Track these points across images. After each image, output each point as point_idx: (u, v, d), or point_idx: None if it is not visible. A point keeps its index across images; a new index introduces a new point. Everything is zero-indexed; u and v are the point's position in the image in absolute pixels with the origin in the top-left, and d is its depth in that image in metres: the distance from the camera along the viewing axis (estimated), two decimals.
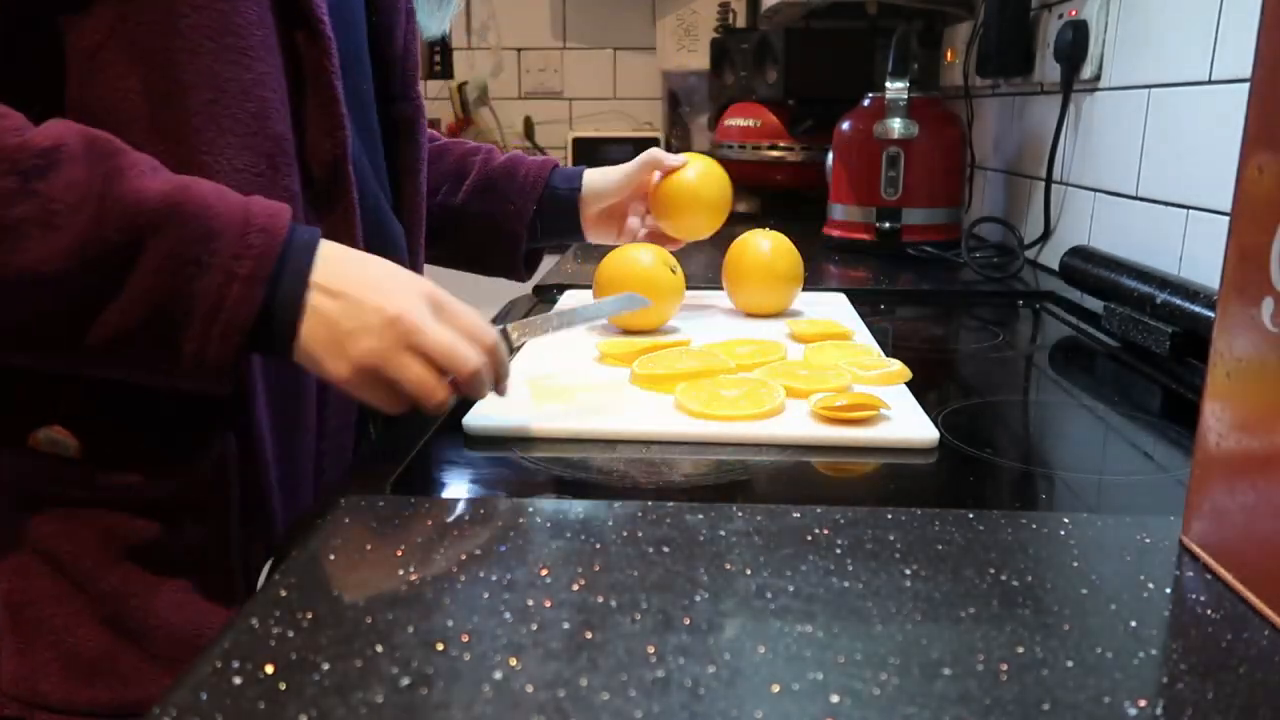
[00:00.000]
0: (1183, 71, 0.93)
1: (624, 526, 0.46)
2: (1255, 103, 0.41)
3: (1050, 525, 0.47)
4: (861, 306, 0.98)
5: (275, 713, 0.32)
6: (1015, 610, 0.39)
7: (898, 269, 1.24)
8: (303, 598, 0.39)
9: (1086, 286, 0.97)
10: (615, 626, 0.37)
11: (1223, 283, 0.43)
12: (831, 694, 0.33)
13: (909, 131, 1.30)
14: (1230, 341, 0.42)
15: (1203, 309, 0.74)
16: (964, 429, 0.64)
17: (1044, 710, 0.32)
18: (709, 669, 0.35)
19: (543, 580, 0.41)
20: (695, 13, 2.12)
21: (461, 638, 0.37)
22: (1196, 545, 0.44)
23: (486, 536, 0.45)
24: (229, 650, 0.36)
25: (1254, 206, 0.41)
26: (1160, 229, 0.97)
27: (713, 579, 0.41)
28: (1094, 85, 1.14)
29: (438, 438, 0.62)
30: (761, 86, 1.76)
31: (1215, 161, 0.88)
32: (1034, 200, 1.30)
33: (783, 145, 1.74)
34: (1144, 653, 0.36)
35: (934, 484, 0.57)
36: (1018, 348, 0.90)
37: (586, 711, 0.32)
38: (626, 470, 0.56)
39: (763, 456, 0.59)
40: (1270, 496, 0.39)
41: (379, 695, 0.33)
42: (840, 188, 1.40)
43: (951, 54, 1.63)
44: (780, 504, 0.50)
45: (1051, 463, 0.61)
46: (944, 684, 0.34)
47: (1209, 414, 0.43)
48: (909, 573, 0.42)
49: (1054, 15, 1.21)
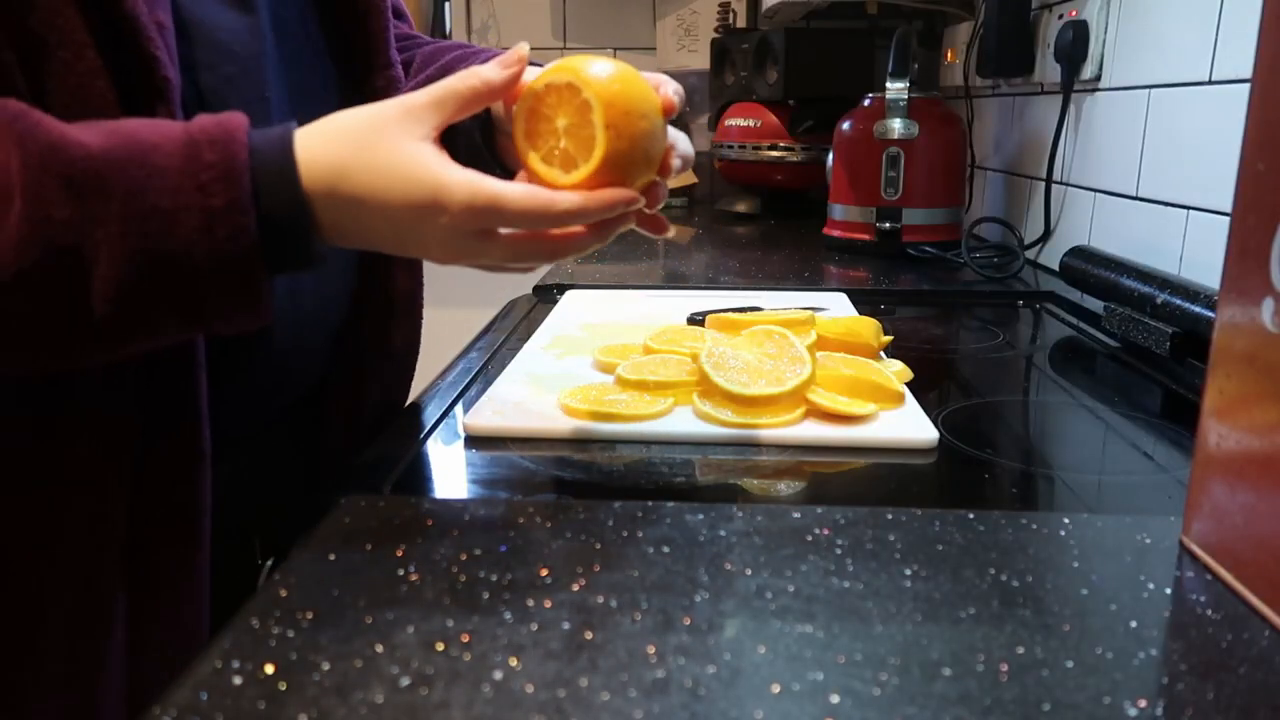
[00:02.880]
0: (1183, 71, 0.93)
1: (624, 526, 0.46)
2: (1255, 103, 0.41)
3: (1050, 525, 0.47)
4: (861, 306, 0.98)
5: (275, 713, 0.32)
6: (1015, 610, 0.39)
7: (898, 269, 1.24)
8: (303, 598, 0.39)
9: (1087, 287, 0.97)
10: (615, 626, 0.37)
11: (1223, 283, 0.43)
12: (831, 694, 0.33)
13: (909, 131, 1.30)
14: (1230, 342, 0.42)
15: (1203, 309, 0.74)
16: (964, 429, 0.64)
17: (1044, 710, 0.32)
18: (709, 669, 0.35)
19: (543, 580, 0.41)
20: (695, 13, 2.12)
21: (461, 638, 0.37)
22: (1196, 545, 0.44)
23: (486, 536, 0.45)
24: (229, 650, 0.36)
25: (1254, 207, 0.41)
26: (1160, 229, 0.97)
27: (713, 579, 0.41)
28: (1094, 85, 1.14)
29: (438, 438, 0.62)
30: (761, 86, 1.76)
31: (1215, 161, 0.88)
32: (1034, 200, 1.30)
33: (783, 145, 1.73)
34: (1144, 653, 0.36)
35: (934, 484, 0.57)
36: (1018, 348, 0.90)
37: (586, 711, 0.32)
38: (626, 470, 0.56)
39: (763, 456, 0.59)
40: (1270, 496, 0.39)
41: (379, 695, 0.33)
42: (840, 188, 1.40)
43: (951, 54, 1.63)
44: (780, 504, 0.50)
45: (1051, 463, 0.61)
46: (944, 684, 0.34)
47: (1209, 414, 0.44)
48: (909, 573, 0.42)
49: (1054, 15, 1.21)
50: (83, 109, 0.46)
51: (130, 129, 0.44)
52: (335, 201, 0.46)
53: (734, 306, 0.89)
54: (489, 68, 0.49)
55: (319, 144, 0.46)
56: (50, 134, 0.42)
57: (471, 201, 0.46)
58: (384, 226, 0.47)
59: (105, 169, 0.42)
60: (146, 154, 0.43)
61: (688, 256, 1.35)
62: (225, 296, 0.45)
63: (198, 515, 0.53)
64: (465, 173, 0.46)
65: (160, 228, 0.43)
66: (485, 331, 0.93)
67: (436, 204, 0.46)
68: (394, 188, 0.46)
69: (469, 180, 0.46)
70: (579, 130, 0.48)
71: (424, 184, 0.46)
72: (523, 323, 0.95)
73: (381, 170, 0.46)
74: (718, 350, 0.67)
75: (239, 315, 0.46)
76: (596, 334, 0.86)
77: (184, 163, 0.43)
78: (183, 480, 0.52)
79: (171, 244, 0.43)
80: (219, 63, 0.53)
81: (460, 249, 0.48)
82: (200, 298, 0.45)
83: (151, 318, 0.45)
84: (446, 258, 0.49)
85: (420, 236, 0.48)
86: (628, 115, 0.48)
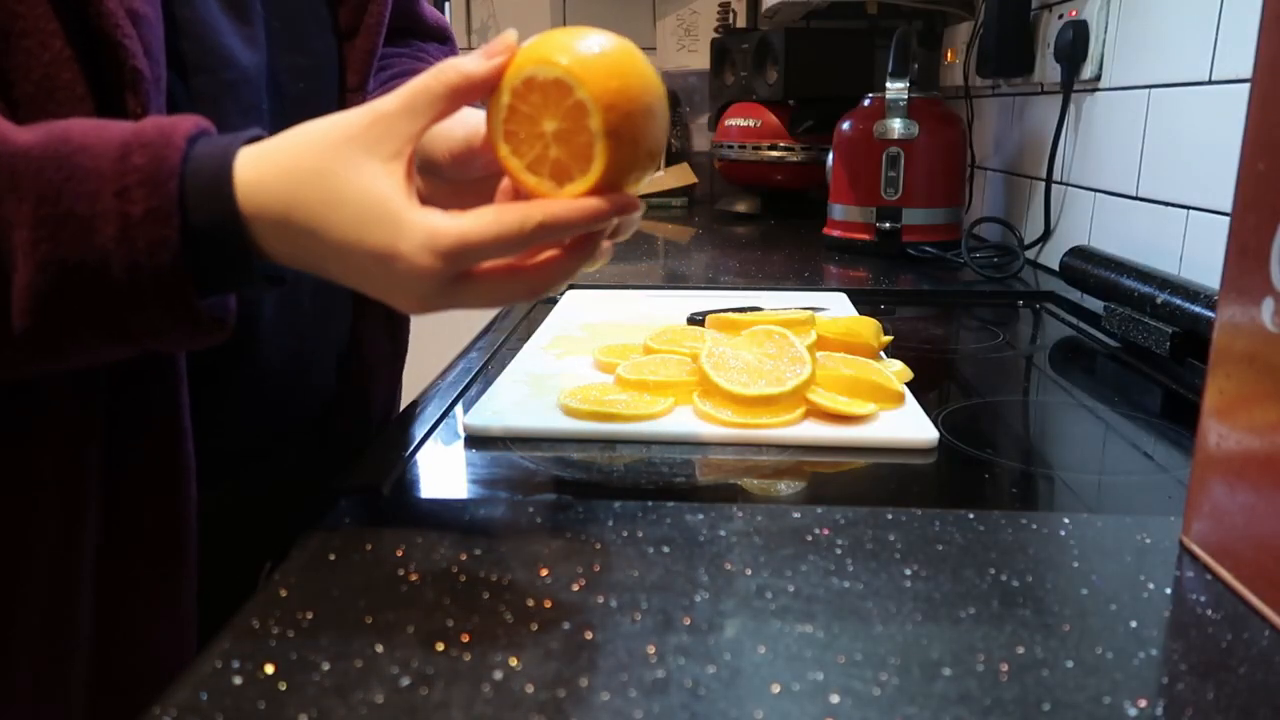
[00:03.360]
0: (1183, 71, 0.93)
1: (624, 526, 0.46)
2: (1255, 103, 0.41)
3: (1050, 525, 0.47)
4: (861, 306, 0.98)
5: (275, 713, 0.32)
6: (1015, 610, 0.39)
7: (898, 269, 1.24)
8: (303, 598, 0.39)
9: (1087, 287, 0.97)
10: (615, 626, 0.37)
11: (1223, 283, 0.43)
12: (831, 694, 0.33)
13: (909, 131, 1.30)
14: (1230, 342, 0.42)
15: (1203, 309, 0.74)
16: (964, 429, 0.64)
17: (1044, 710, 0.32)
18: (709, 669, 0.35)
19: (543, 580, 0.41)
20: (695, 13, 2.12)
21: (461, 638, 0.37)
22: (1196, 545, 0.44)
23: (486, 536, 0.45)
24: (229, 650, 0.36)
25: (1254, 207, 0.41)
26: (1160, 229, 0.97)
27: (713, 579, 0.41)
28: (1094, 85, 1.14)
29: (438, 438, 0.62)
30: (761, 86, 1.76)
31: (1215, 161, 0.88)
32: (1034, 200, 1.30)
33: (783, 145, 1.73)
34: (1144, 653, 0.36)
35: (934, 484, 0.57)
36: (1018, 348, 0.90)
37: (586, 711, 0.32)
38: (626, 470, 0.56)
39: (763, 456, 0.59)
40: (1270, 496, 0.39)
41: (379, 695, 0.33)
42: (840, 188, 1.40)
43: (951, 54, 1.63)
44: (780, 504, 0.50)
45: (1051, 463, 0.61)
46: (944, 684, 0.34)
47: (1209, 414, 0.44)
48: (909, 573, 0.42)
49: (1054, 15, 1.21)
50: (49, 100, 0.43)
51: (67, 127, 0.40)
52: (288, 230, 0.41)
53: (734, 306, 0.89)
54: (470, 59, 0.43)
55: (271, 161, 0.42)
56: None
57: (432, 246, 0.41)
58: (338, 268, 0.43)
59: (24, 167, 0.39)
60: (72, 155, 0.39)
61: (688, 256, 1.35)
62: (151, 313, 0.41)
63: (183, 532, 0.50)
64: (425, 214, 0.41)
65: (74, 234, 0.39)
66: (485, 331, 0.93)
67: (392, 251, 0.41)
68: (347, 224, 0.41)
69: (428, 224, 0.41)
70: (572, 137, 0.42)
71: (380, 225, 0.41)
72: (523, 323, 0.95)
73: (334, 203, 0.41)
74: (718, 350, 0.67)
75: (175, 334, 0.42)
76: (596, 334, 0.86)
77: (109, 164, 0.39)
78: (165, 493, 0.50)
79: (87, 253, 0.39)
80: (216, 67, 0.51)
81: (428, 300, 0.43)
82: (122, 314, 0.41)
83: (74, 331, 0.41)
84: (414, 307, 0.44)
85: (380, 284, 0.43)
86: (629, 117, 0.42)
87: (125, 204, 0.39)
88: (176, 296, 0.40)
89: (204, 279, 0.41)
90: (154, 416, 0.49)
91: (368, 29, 0.62)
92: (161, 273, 0.40)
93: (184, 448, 0.50)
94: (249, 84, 0.53)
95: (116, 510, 0.49)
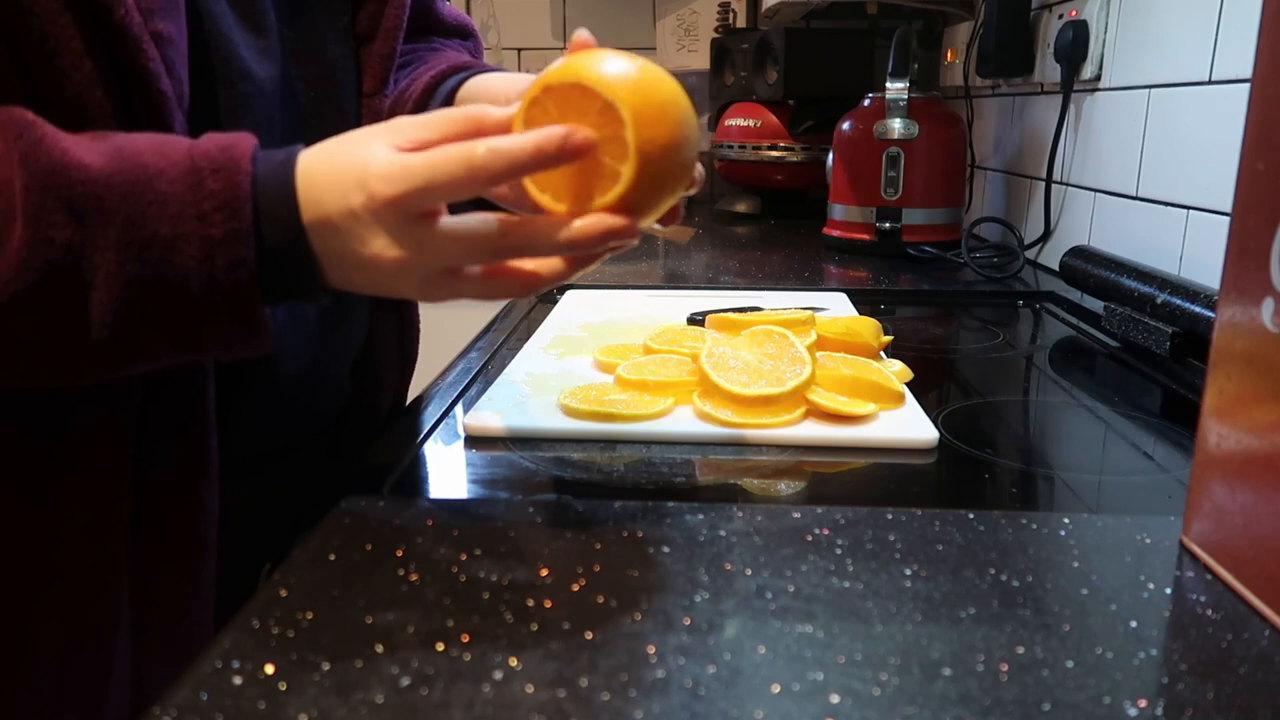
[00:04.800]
0: (1183, 71, 0.93)
1: (624, 526, 0.46)
2: (1255, 103, 0.41)
3: (1050, 525, 0.47)
4: (861, 306, 0.98)
5: (275, 713, 0.32)
6: (1015, 610, 0.39)
7: (898, 269, 1.24)
8: (303, 598, 0.39)
9: (1087, 287, 0.97)
10: (615, 626, 0.37)
11: (1223, 283, 0.43)
12: (831, 694, 0.33)
13: (909, 131, 1.30)
14: (1230, 342, 0.42)
15: (1203, 309, 0.74)
16: (964, 429, 0.64)
17: (1044, 710, 0.32)
18: (709, 669, 0.35)
19: (543, 580, 0.41)
20: (695, 13, 2.12)
21: (461, 638, 0.37)
22: (1196, 545, 0.44)
23: (486, 536, 0.45)
24: (229, 650, 0.36)
25: (1254, 207, 0.41)
26: (1160, 229, 0.97)
27: (713, 579, 0.41)
28: (1094, 85, 1.14)
29: (438, 438, 0.62)
30: (761, 86, 1.76)
31: (1215, 161, 0.88)
32: (1034, 200, 1.30)
33: (783, 145, 1.73)
34: (1144, 653, 0.36)
35: (934, 484, 0.57)
36: (1018, 348, 0.90)
37: (586, 711, 0.32)
38: (626, 470, 0.56)
39: (763, 456, 0.59)
40: (1270, 496, 0.39)
41: (379, 695, 0.33)
42: (840, 188, 1.40)
43: (951, 54, 1.63)
44: (780, 504, 0.50)
45: (1051, 463, 0.61)
46: (944, 684, 0.34)
47: (1209, 414, 0.44)
48: (909, 573, 0.42)
49: (1054, 15, 1.21)
50: (81, 119, 0.45)
51: (135, 150, 0.43)
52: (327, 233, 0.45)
53: (734, 306, 0.89)
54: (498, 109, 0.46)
55: (322, 173, 0.45)
56: (53, 153, 0.42)
57: (385, 174, 0.43)
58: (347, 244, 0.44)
59: (107, 193, 0.42)
60: (150, 180, 0.42)
61: (688, 256, 1.35)
62: (223, 325, 0.44)
63: (206, 533, 0.52)
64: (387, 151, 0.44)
65: (159, 255, 0.42)
66: (485, 331, 0.93)
67: (361, 183, 0.43)
68: (349, 191, 0.44)
69: (383, 156, 0.43)
70: (592, 168, 0.44)
71: (352, 169, 0.44)
72: (523, 323, 0.95)
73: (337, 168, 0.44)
74: (718, 350, 0.67)
75: (238, 343, 0.45)
76: (596, 334, 0.86)
77: (185, 190, 0.43)
78: (190, 496, 0.52)
79: (169, 272, 0.43)
80: (234, 80, 0.52)
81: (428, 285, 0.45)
82: (198, 326, 0.44)
83: (148, 343, 0.44)
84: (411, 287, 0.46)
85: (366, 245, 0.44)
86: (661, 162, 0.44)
87: (206, 227, 0.43)
88: (249, 308, 0.44)
89: (273, 291, 0.45)
90: (182, 420, 0.51)
91: (385, 33, 0.63)
92: (240, 287, 0.43)
93: (210, 449, 0.52)
94: (264, 96, 0.55)
95: (145, 512, 0.51)
